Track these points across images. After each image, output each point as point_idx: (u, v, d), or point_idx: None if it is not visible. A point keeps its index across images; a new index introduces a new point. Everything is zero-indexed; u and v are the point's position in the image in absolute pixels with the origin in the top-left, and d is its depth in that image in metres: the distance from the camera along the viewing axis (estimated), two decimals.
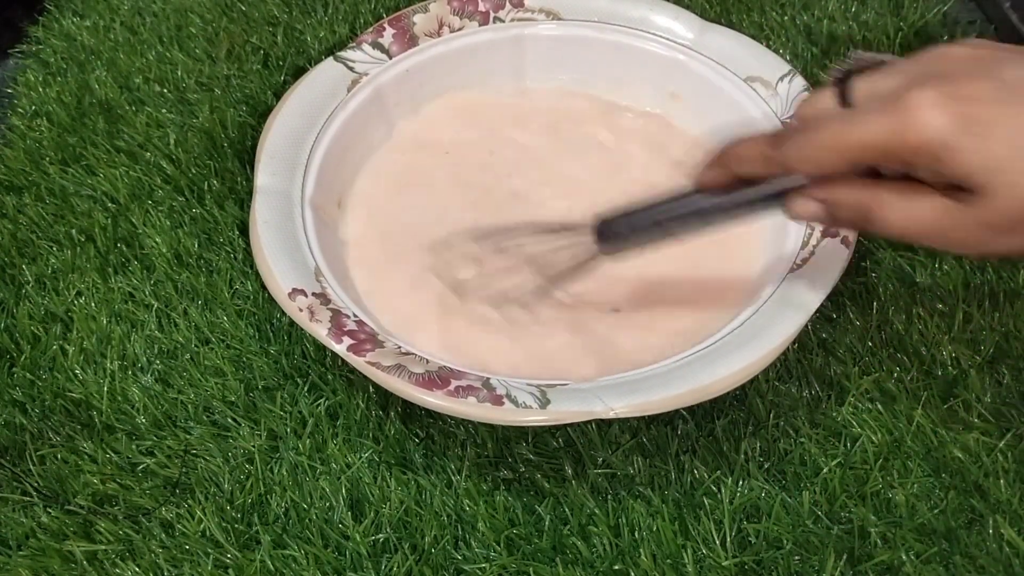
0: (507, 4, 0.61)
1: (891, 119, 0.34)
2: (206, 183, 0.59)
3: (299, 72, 0.64)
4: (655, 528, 0.45)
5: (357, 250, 0.55)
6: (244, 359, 0.52)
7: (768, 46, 0.60)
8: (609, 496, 0.47)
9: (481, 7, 0.61)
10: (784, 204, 0.40)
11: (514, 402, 0.43)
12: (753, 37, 0.60)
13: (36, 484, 0.47)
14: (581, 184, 0.58)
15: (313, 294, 0.47)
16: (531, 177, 0.58)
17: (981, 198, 0.34)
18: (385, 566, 0.45)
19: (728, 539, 0.45)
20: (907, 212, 0.36)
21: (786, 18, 0.69)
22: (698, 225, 0.43)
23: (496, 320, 0.52)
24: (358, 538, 0.45)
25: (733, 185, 0.41)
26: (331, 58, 0.58)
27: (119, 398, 0.50)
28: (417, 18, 0.60)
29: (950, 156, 0.34)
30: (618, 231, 0.45)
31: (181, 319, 0.54)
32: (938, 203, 0.36)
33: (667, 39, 0.60)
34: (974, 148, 0.33)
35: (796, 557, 0.45)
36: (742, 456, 0.48)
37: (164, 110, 0.64)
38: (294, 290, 0.46)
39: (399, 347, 0.46)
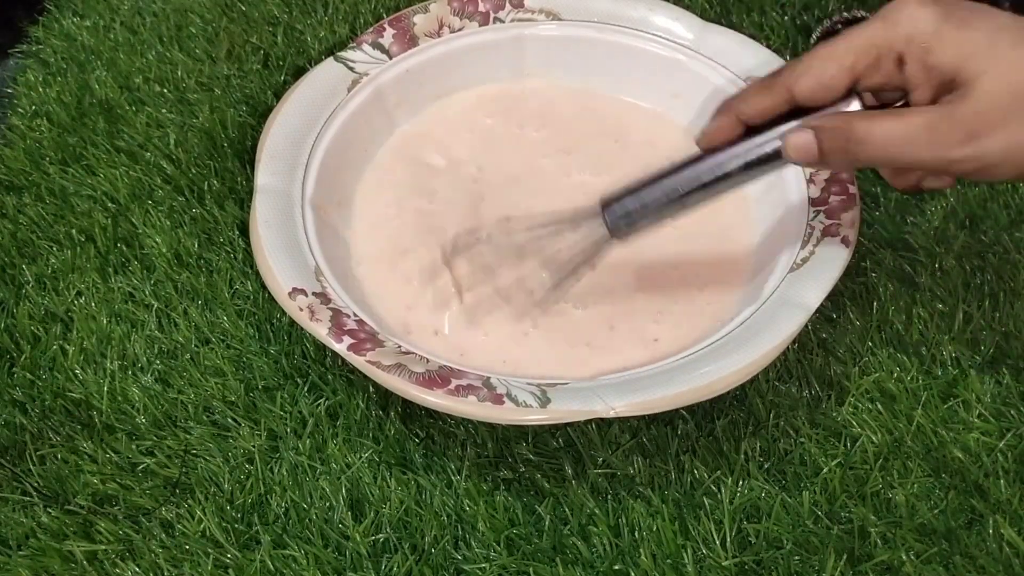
0: (507, 4, 0.61)
1: (882, 21, 0.39)
2: (206, 183, 0.59)
3: (299, 72, 0.64)
4: (655, 528, 0.45)
5: (357, 249, 0.55)
6: (244, 359, 0.52)
7: (768, 46, 0.60)
8: (609, 496, 0.47)
9: (481, 7, 0.61)
10: (782, 155, 0.42)
11: (514, 401, 0.43)
12: (753, 37, 0.60)
13: (36, 484, 0.47)
14: (583, 183, 0.58)
15: (313, 293, 0.47)
16: (532, 177, 0.58)
17: (965, 90, 0.37)
18: (385, 566, 0.45)
19: (728, 539, 0.45)
20: (890, 123, 0.39)
21: (786, 18, 0.69)
22: (706, 192, 0.44)
23: (496, 320, 0.52)
24: (358, 538, 0.45)
25: (738, 137, 0.43)
26: (331, 58, 0.58)
27: (119, 398, 0.50)
28: (417, 18, 0.60)
29: (938, 43, 0.38)
30: (627, 212, 0.45)
31: (181, 319, 0.54)
32: (921, 112, 0.39)
33: (667, 39, 0.60)
34: (957, 37, 0.37)
35: (796, 557, 0.45)
36: (742, 456, 0.48)
37: (164, 110, 0.64)
38: (294, 289, 0.46)
39: (399, 346, 0.46)
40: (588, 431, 0.49)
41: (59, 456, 0.49)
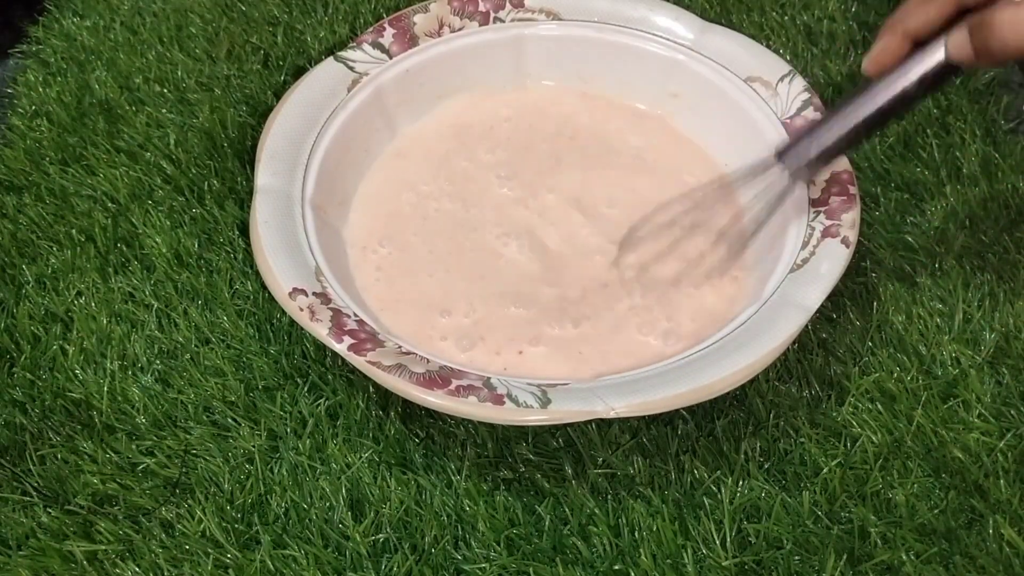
0: (507, 4, 0.61)
1: None
2: (206, 183, 0.59)
3: (299, 72, 0.64)
4: (655, 528, 0.45)
5: (357, 249, 0.55)
6: (244, 359, 0.52)
7: (768, 46, 0.60)
8: (609, 496, 0.47)
9: (481, 7, 0.61)
10: (946, 59, 0.41)
11: (515, 401, 0.43)
12: (753, 37, 0.60)
13: (36, 484, 0.47)
14: (584, 182, 0.58)
15: (313, 293, 0.47)
16: (533, 177, 0.58)
17: None
18: (385, 566, 0.45)
19: (728, 539, 0.45)
20: (1017, 9, 0.38)
21: (786, 18, 0.69)
22: (886, 119, 0.44)
23: (496, 320, 0.52)
24: (358, 538, 0.45)
25: (905, 55, 0.42)
26: (331, 58, 0.58)
27: (119, 398, 0.50)
28: (417, 18, 0.60)
29: None
30: (810, 157, 0.46)
31: (181, 319, 0.54)
32: None
33: (667, 39, 0.60)
34: None
35: (796, 557, 0.45)
36: (742, 456, 0.48)
37: (164, 110, 0.64)
38: (294, 289, 0.46)
39: (399, 346, 0.46)
40: (588, 431, 0.49)
41: (59, 456, 0.49)
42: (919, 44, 0.42)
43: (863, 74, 0.44)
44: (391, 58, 0.59)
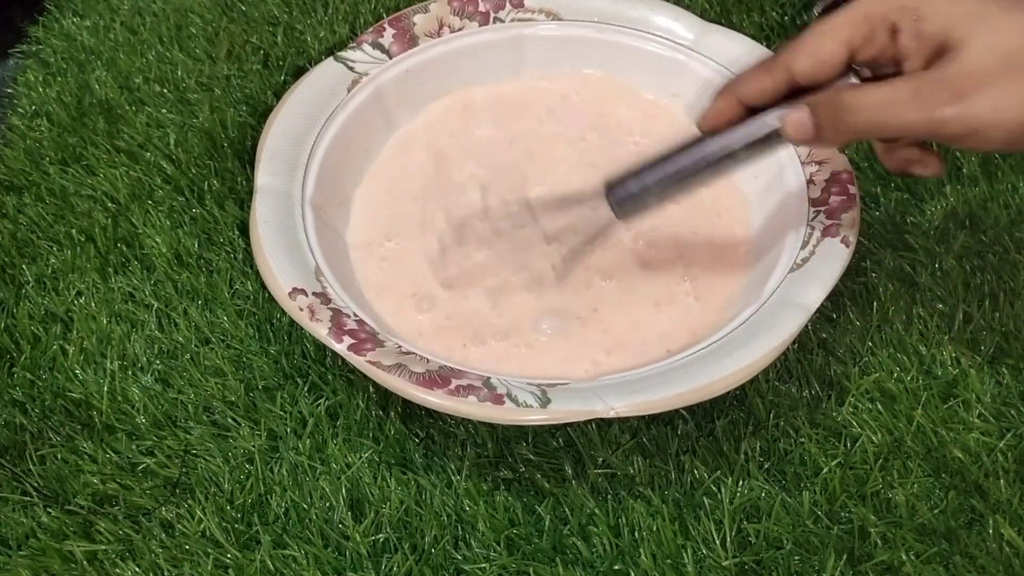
0: (507, 4, 0.61)
1: None
2: (206, 183, 0.59)
3: (299, 72, 0.64)
4: (655, 528, 0.45)
5: (357, 250, 0.55)
6: (244, 359, 0.52)
7: (768, 46, 0.60)
8: (609, 496, 0.47)
9: (481, 7, 0.61)
10: (782, 135, 0.42)
11: (515, 401, 0.43)
12: (753, 37, 0.60)
13: (36, 484, 0.47)
14: (583, 182, 0.58)
15: (313, 293, 0.47)
16: (533, 176, 0.58)
17: (953, 54, 0.38)
18: (385, 566, 0.45)
19: (728, 539, 0.45)
20: (879, 89, 0.39)
21: (786, 18, 0.69)
22: (709, 173, 0.45)
23: (495, 319, 0.52)
24: (358, 538, 0.45)
25: (739, 119, 0.43)
26: (331, 58, 0.58)
27: (119, 398, 0.50)
28: (417, 18, 0.60)
29: (930, 9, 0.38)
30: (631, 193, 0.46)
31: (181, 319, 0.54)
32: (909, 77, 0.39)
33: (667, 40, 0.60)
34: (948, 4, 0.38)
35: (796, 557, 0.45)
36: (742, 456, 0.48)
37: (164, 110, 0.64)
38: (294, 289, 0.46)
39: (399, 346, 0.46)
40: (588, 431, 0.49)
41: (59, 456, 0.49)
42: (752, 110, 0.43)
43: (696, 128, 0.45)
44: (391, 58, 0.59)
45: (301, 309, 0.46)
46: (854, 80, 0.42)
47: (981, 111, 0.37)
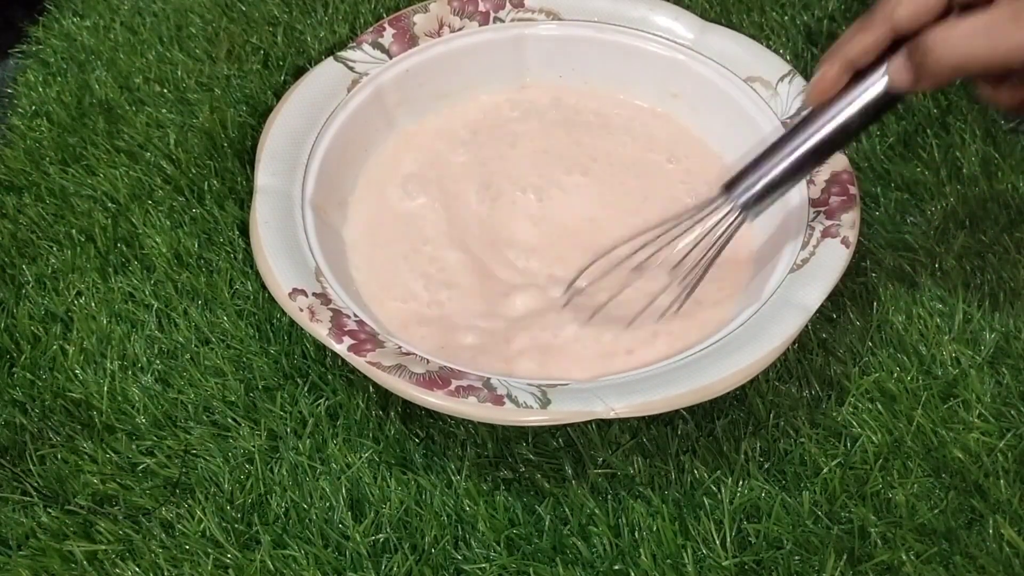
0: (507, 4, 0.61)
1: None
2: (206, 183, 0.59)
3: (299, 72, 0.64)
4: (655, 528, 0.45)
5: (357, 250, 0.55)
6: (244, 359, 0.52)
7: (768, 46, 0.60)
8: (609, 496, 0.47)
9: (481, 7, 0.61)
10: (887, 86, 0.42)
11: (515, 402, 0.43)
12: (753, 37, 0.60)
13: (36, 484, 0.47)
14: (584, 182, 0.58)
15: (313, 294, 0.47)
16: (534, 176, 0.58)
17: None
18: (385, 566, 0.45)
19: (728, 539, 0.45)
20: (963, 22, 0.38)
21: (786, 18, 0.69)
22: (829, 150, 0.44)
23: (495, 318, 0.52)
24: (358, 538, 0.45)
25: (847, 85, 0.42)
26: (331, 58, 0.58)
27: (119, 398, 0.50)
28: (417, 18, 0.60)
29: None
30: (755, 193, 0.46)
31: (181, 319, 0.54)
32: (991, 7, 0.38)
33: (667, 39, 0.60)
34: None
35: (796, 557, 0.45)
36: (742, 456, 0.48)
37: (164, 110, 0.64)
38: (294, 290, 0.46)
39: (399, 347, 0.46)
40: (588, 431, 0.49)
41: (59, 456, 0.49)
42: (859, 74, 0.43)
43: (805, 105, 0.44)
44: (391, 58, 0.59)
45: (301, 310, 0.46)
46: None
47: None
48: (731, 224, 0.47)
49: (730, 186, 0.46)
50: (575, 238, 0.55)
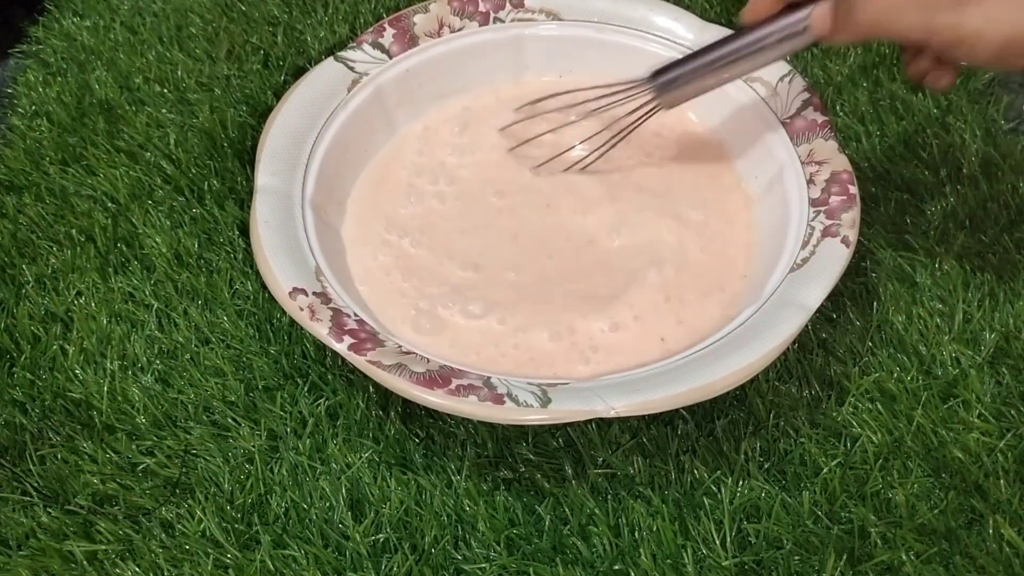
0: (507, 4, 0.61)
1: None
2: (206, 183, 0.59)
3: (299, 72, 0.64)
4: (655, 528, 0.45)
5: (357, 250, 0.55)
6: (244, 359, 0.52)
7: None
8: (609, 496, 0.47)
9: (481, 7, 0.61)
10: (806, 27, 0.47)
11: (515, 401, 0.43)
12: None
13: (36, 484, 0.47)
14: (584, 181, 0.58)
15: (314, 293, 0.47)
16: (534, 175, 0.58)
17: None
18: (385, 566, 0.45)
19: (728, 539, 0.45)
20: None
21: None
22: (743, 64, 0.50)
23: (495, 319, 0.52)
24: (358, 538, 0.45)
25: (777, 15, 0.48)
26: (331, 58, 0.58)
27: (119, 398, 0.50)
28: (417, 18, 0.60)
29: None
30: (673, 78, 0.51)
31: (181, 319, 0.54)
32: None
33: (667, 39, 0.60)
34: None
35: (796, 557, 0.45)
36: (742, 456, 0.48)
37: (164, 110, 0.64)
38: (295, 289, 0.46)
39: (400, 346, 0.46)
40: (588, 431, 0.49)
41: (59, 456, 0.49)
42: (792, 6, 0.47)
43: (740, 22, 0.49)
44: (391, 58, 0.59)
45: (301, 309, 0.46)
46: None
47: (974, 21, 0.40)
48: (648, 103, 0.53)
49: (656, 74, 0.52)
50: (577, 243, 0.56)
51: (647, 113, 0.53)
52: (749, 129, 0.57)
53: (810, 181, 0.52)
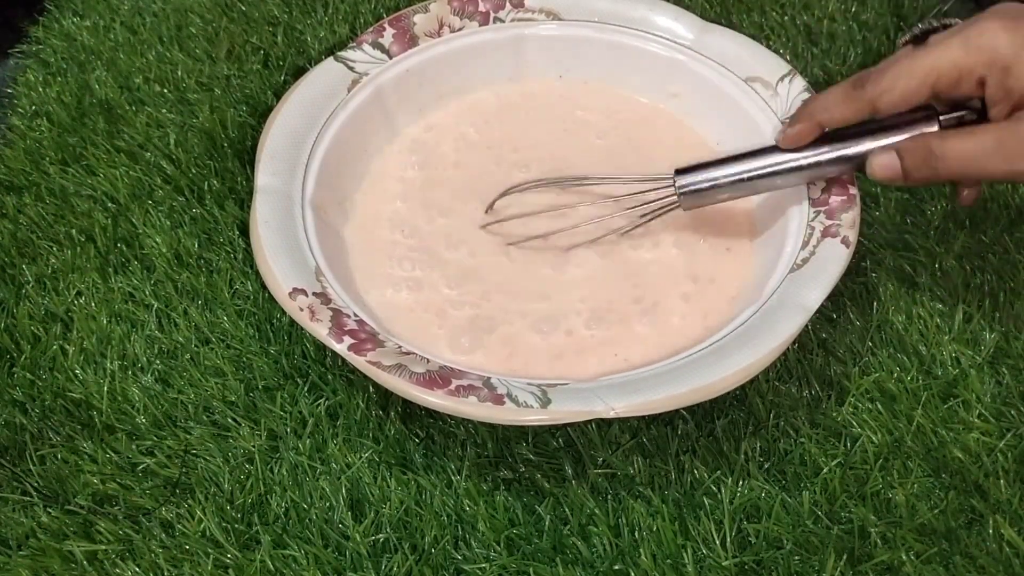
0: (507, 4, 0.61)
1: (965, 43, 0.43)
2: (206, 183, 0.59)
3: (299, 72, 0.64)
4: (655, 528, 0.45)
5: (357, 250, 0.55)
6: (244, 359, 0.52)
7: (768, 46, 0.60)
8: (609, 496, 0.47)
9: (481, 7, 0.61)
10: (863, 163, 0.47)
11: (515, 401, 0.43)
12: (753, 37, 0.60)
13: (36, 484, 0.47)
14: (584, 181, 0.58)
15: (314, 293, 0.47)
16: (535, 175, 0.58)
17: None
18: (385, 566, 0.45)
19: (728, 539, 0.45)
20: (965, 141, 0.43)
21: (786, 18, 0.69)
22: (775, 183, 0.49)
23: (494, 320, 0.52)
24: (358, 538, 0.45)
25: (815, 141, 0.48)
26: (331, 58, 0.58)
27: (119, 398, 0.50)
28: (417, 18, 0.60)
29: (1017, 65, 0.41)
30: (699, 185, 0.50)
31: (181, 319, 0.54)
32: (991, 128, 0.43)
33: (667, 39, 0.60)
34: None
35: (796, 557, 0.45)
36: (742, 456, 0.48)
37: (164, 110, 0.64)
38: (295, 289, 0.46)
39: (399, 346, 0.46)
40: (588, 431, 0.49)
41: (59, 456, 0.49)
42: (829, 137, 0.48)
43: (776, 143, 0.49)
44: (391, 58, 0.59)
45: (301, 309, 0.46)
46: (934, 126, 0.45)
47: None
48: (665, 202, 0.51)
49: (681, 172, 0.50)
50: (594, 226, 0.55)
51: (661, 211, 0.51)
52: (749, 130, 0.57)
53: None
